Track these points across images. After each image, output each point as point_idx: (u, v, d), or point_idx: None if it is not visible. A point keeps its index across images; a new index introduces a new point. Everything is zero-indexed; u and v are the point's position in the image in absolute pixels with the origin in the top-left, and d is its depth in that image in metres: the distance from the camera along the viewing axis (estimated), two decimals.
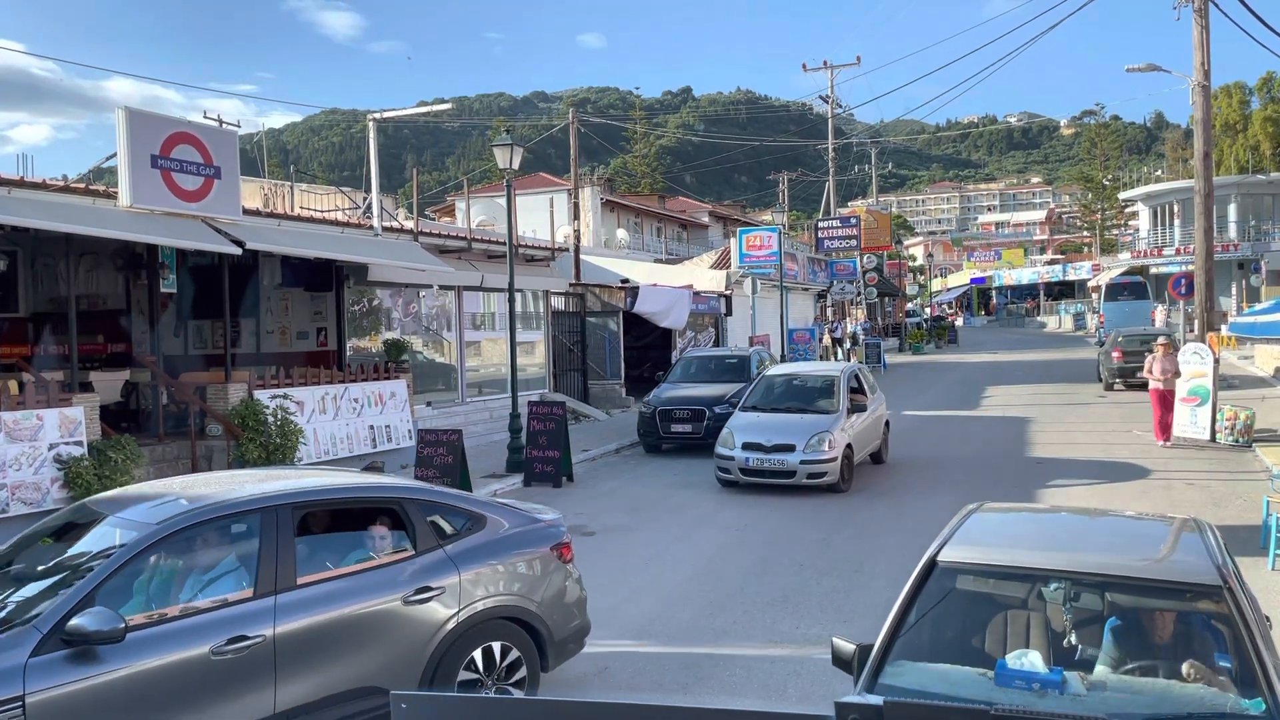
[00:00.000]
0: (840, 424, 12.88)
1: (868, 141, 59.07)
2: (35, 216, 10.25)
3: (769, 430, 12.87)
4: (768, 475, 12.55)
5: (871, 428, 14.16)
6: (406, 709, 1.85)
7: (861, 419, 13.69)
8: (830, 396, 13.61)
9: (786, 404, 13.78)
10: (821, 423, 12.85)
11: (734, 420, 13.60)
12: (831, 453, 12.43)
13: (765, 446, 12.62)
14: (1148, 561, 4.16)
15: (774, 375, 14.86)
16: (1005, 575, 4.16)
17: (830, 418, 12.99)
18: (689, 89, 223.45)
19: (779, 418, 13.26)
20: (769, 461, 12.52)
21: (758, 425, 13.09)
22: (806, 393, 14.03)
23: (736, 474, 12.76)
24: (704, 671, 6.72)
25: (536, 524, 6.12)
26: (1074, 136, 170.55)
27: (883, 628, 3.92)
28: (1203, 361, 16.30)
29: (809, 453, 12.43)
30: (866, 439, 13.88)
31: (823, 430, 12.62)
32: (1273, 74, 55.17)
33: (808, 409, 13.43)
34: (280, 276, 16.14)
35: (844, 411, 13.18)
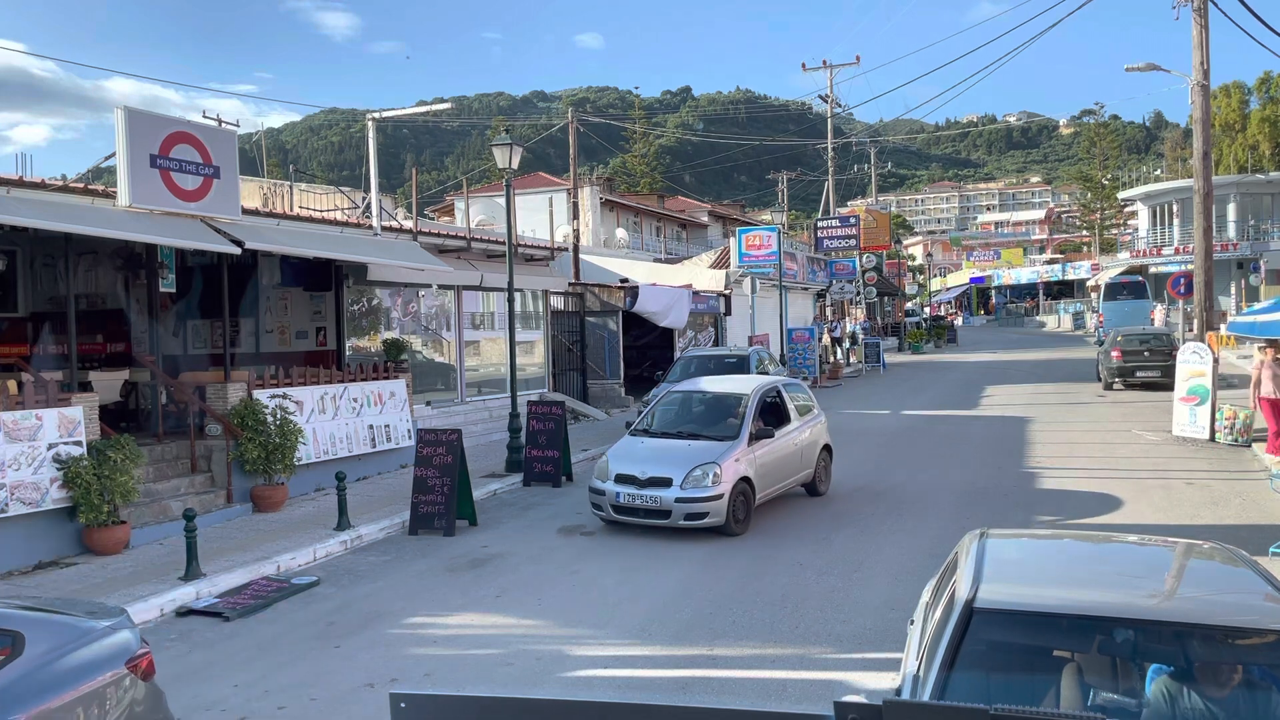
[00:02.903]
0: (735, 453, 10.72)
1: (867, 141, 59.08)
2: (34, 216, 10.24)
3: (649, 460, 10.82)
4: (641, 515, 10.47)
5: (792, 456, 11.89)
6: (405, 708, 1.84)
7: (773, 446, 11.44)
8: (732, 419, 11.45)
9: (680, 428, 11.67)
10: (710, 451, 10.71)
11: (617, 446, 11.62)
12: (716, 489, 10.27)
13: (639, 480, 10.53)
14: (1217, 604, 3.97)
15: (675, 392, 12.61)
16: (1056, 620, 3.82)
17: (723, 446, 10.82)
18: (688, 88, 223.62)
19: (666, 444, 11.20)
20: (641, 498, 10.43)
21: (640, 453, 11.07)
22: (705, 414, 11.92)
23: (609, 512, 10.70)
24: (704, 671, 6.73)
25: (94, 637, 4.33)
26: (1073, 136, 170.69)
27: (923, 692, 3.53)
28: (1202, 361, 16.31)
29: (688, 488, 10.30)
30: (784, 470, 11.71)
31: (708, 461, 10.48)
32: (1270, 74, 55.17)
33: (701, 434, 11.27)
34: (279, 276, 16.14)
35: (745, 438, 10.99)
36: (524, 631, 7.70)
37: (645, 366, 25.67)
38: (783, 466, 11.67)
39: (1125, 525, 10.34)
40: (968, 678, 3.58)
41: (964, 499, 12.25)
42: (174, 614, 8.41)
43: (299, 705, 6.35)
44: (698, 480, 10.36)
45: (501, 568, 9.62)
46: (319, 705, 6.36)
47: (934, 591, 4.77)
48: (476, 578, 9.32)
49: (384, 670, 6.91)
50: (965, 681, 3.55)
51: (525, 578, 9.22)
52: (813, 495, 12.57)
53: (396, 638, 7.65)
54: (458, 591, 8.90)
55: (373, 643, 7.52)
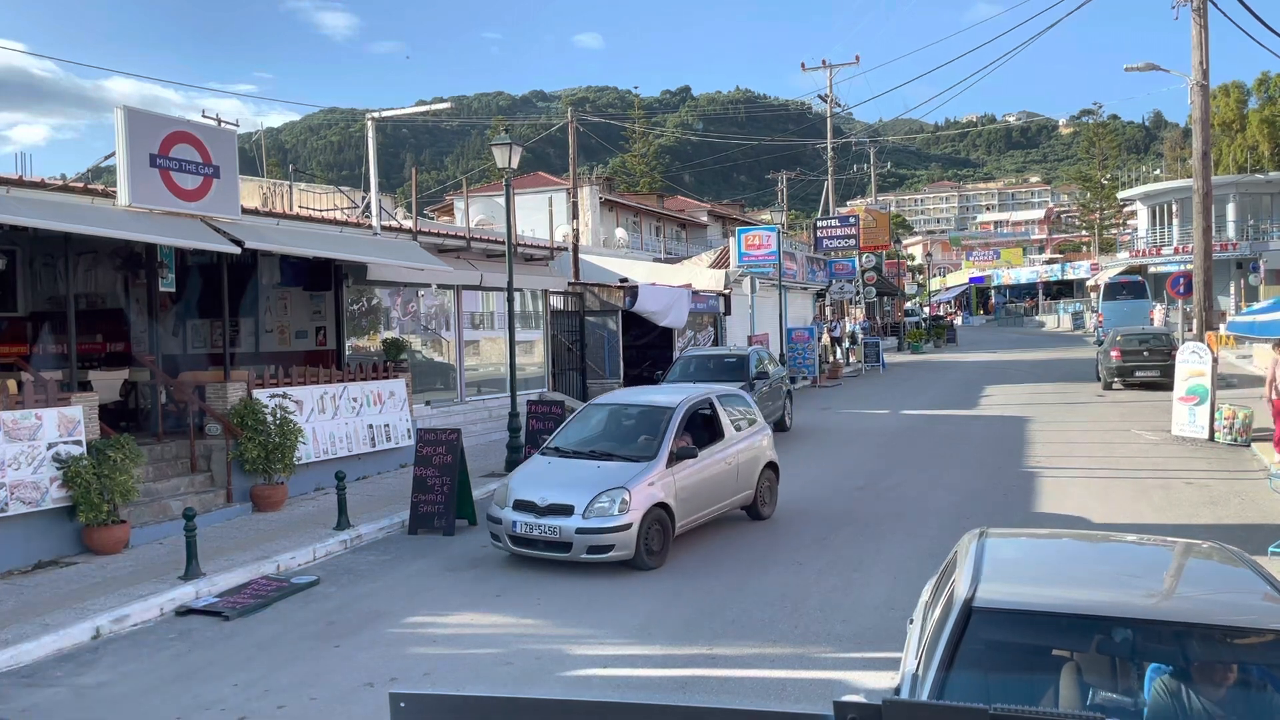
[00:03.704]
0: (650, 475, 9.45)
1: (866, 141, 59.11)
2: (34, 216, 10.24)
3: (553, 484, 9.59)
4: (540, 547, 9.27)
5: (724, 476, 10.58)
6: (405, 708, 1.84)
7: (700, 466, 10.16)
8: (651, 436, 10.14)
9: (594, 446, 10.40)
10: (621, 474, 9.44)
11: (522, 467, 10.55)
12: (623, 518, 9.03)
13: (538, 507, 9.32)
14: (1216, 604, 3.98)
15: (595, 405, 11.40)
16: (1056, 620, 3.83)
17: (637, 468, 9.55)
18: (688, 88, 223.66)
19: (575, 466, 9.93)
20: (540, 529, 9.22)
21: (545, 476, 9.85)
22: (624, 431, 10.67)
23: (507, 543, 9.50)
24: (703, 670, 6.73)
25: None
26: (1073, 136, 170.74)
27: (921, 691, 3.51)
28: (1201, 361, 16.32)
29: (591, 517, 9.08)
30: (715, 492, 10.44)
31: (616, 486, 9.23)
32: (1268, 74, 55.19)
33: (616, 454, 10.01)
34: (279, 276, 16.14)
35: (663, 458, 9.69)
36: (524, 631, 7.70)
37: (645, 366, 25.66)
38: (713, 488, 10.39)
39: (1124, 525, 10.34)
40: (967, 677, 3.59)
41: (963, 498, 12.26)
42: (174, 613, 8.42)
43: (299, 705, 6.36)
44: (603, 508, 9.10)
45: (501, 567, 9.63)
46: (319, 705, 6.36)
47: (933, 591, 4.77)
48: (476, 577, 9.32)
49: (384, 670, 6.92)
50: (964, 681, 3.56)
51: (525, 577, 9.22)
52: (754, 519, 11.27)
53: (396, 637, 7.65)
54: (458, 591, 8.90)
55: (372, 642, 7.53)
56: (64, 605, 8.32)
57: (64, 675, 7.09)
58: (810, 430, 19.34)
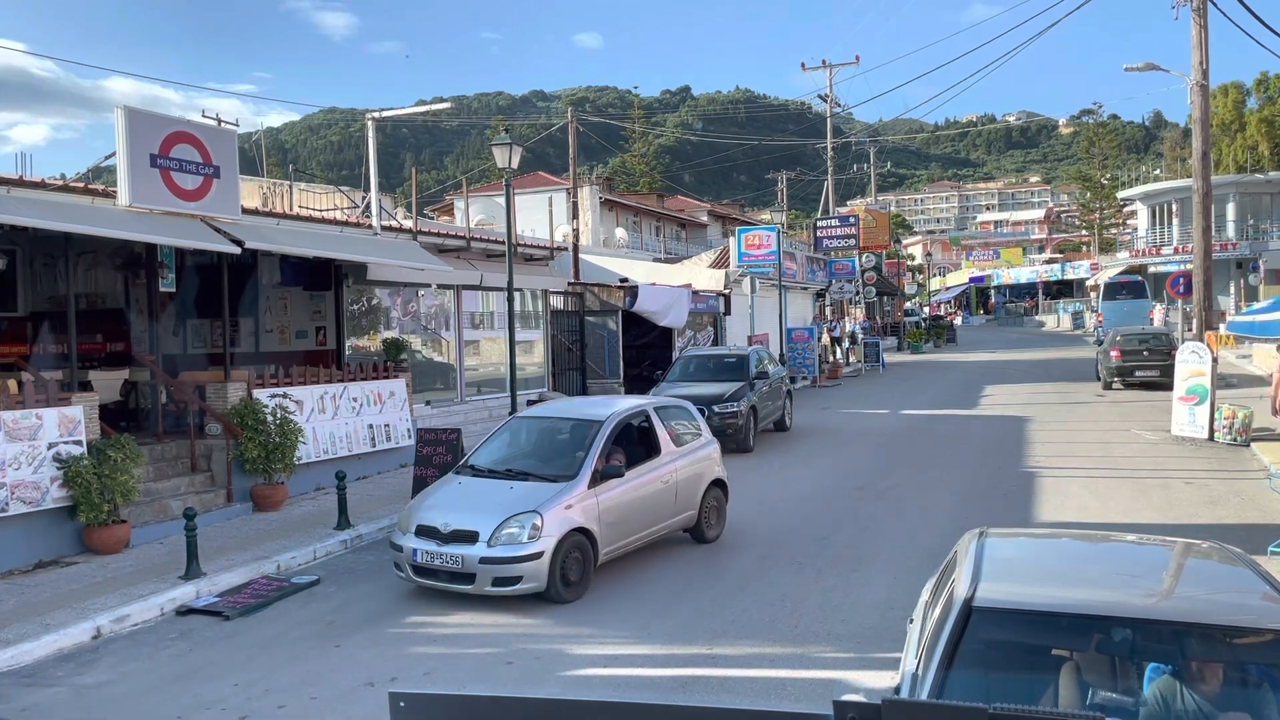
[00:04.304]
0: (568, 497, 8.54)
1: (866, 140, 59.11)
2: (34, 216, 10.24)
3: (460, 507, 8.69)
4: (443, 578, 8.34)
5: (660, 496, 9.64)
6: (405, 707, 1.85)
7: (630, 486, 9.22)
8: (575, 454, 9.20)
9: (511, 464, 9.44)
10: (535, 496, 8.53)
11: (430, 489, 9.46)
12: (534, 545, 8.12)
13: (441, 534, 8.40)
14: (1216, 604, 3.98)
15: (522, 417, 10.49)
16: (1055, 619, 3.83)
17: (554, 489, 8.62)
18: (687, 88, 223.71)
19: (487, 487, 8.99)
20: (442, 558, 8.27)
21: (453, 498, 8.93)
22: (546, 447, 9.76)
23: (409, 574, 8.58)
24: (703, 670, 6.74)
25: None
26: (1072, 136, 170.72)
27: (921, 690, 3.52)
28: (1201, 360, 16.32)
29: (498, 545, 8.15)
30: (649, 514, 9.49)
31: (527, 510, 8.30)
32: (1266, 74, 55.19)
33: (533, 473, 9.08)
34: (279, 275, 16.14)
35: (586, 478, 8.78)
36: (524, 630, 7.71)
37: (645, 366, 25.66)
38: (647, 510, 9.45)
39: (1124, 525, 10.35)
40: (966, 676, 3.59)
41: (963, 498, 12.27)
42: (174, 613, 8.42)
43: (299, 704, 6.36)
44: (511, 535, 8.18)
45: None
46: (319, 704, 6.37)
47: (933, 590, 4.78)
48: None
49: (384, 669, 6.92)
50: (964, 680, 3.56)
51: None
52: (699, 542, 10.32)
53: (396, 637, 7.66)
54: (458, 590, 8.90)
55: (373, 642, 7.54)
56: (64, 605, 8.33)
57: (64, 675, 7.10)
58: (810, 430, 19.34)
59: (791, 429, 19.34)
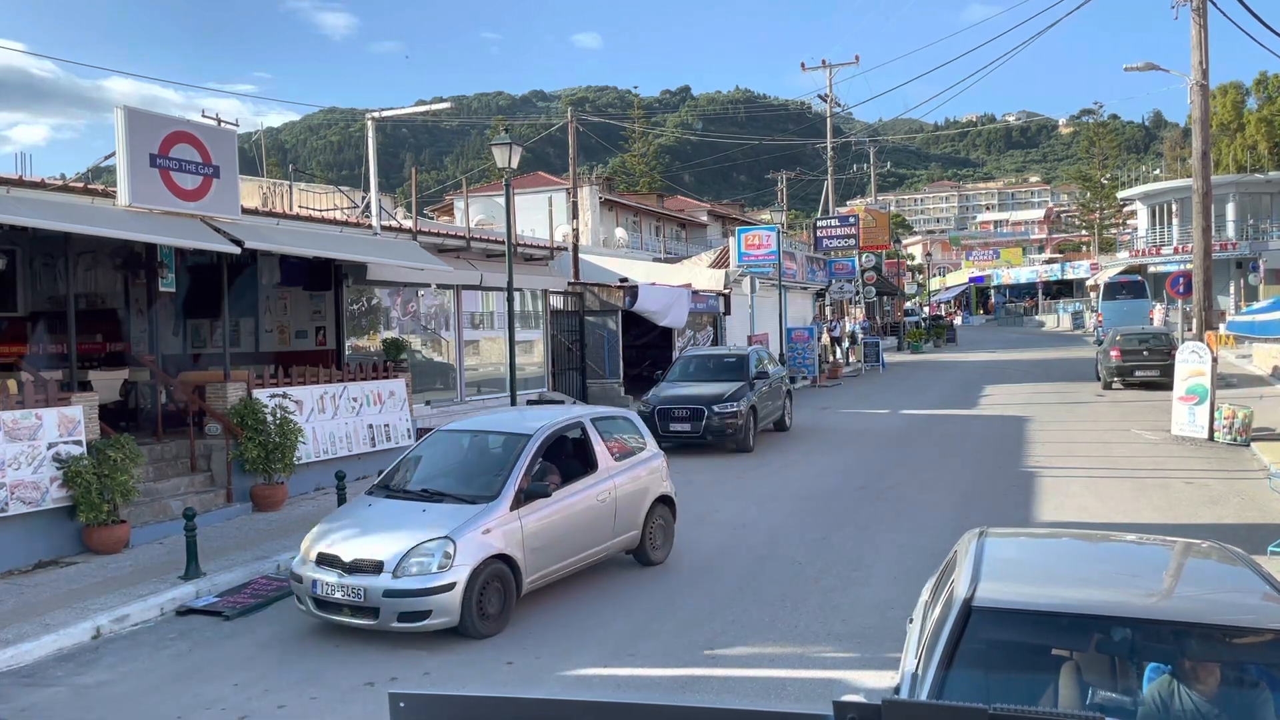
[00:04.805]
0: (487, 521, 7.69)
1: (866, 140, 59.09)
2: (34, 216, 10.24)
3: (367, 532, 7.85)
4: (346, 612, 7.49)
5: (597, 515, 8.78)
6: (405, 708, 1.85)
7: (560, 506, 8.36)
8: (499, 471, 8.32)
9: (429, 483, 8.58)
10: (449, 520, 7.67)
11: (335, 513, 8.72)
12: (445, 575, 7.29)
13: (343, 562, 7.54)
14: (1215, 604, 3.98)
15: (446, 430, 9.47)
16: (1055, 619, 3.83)
17: (471, 511, 7.78)
18: (687, 88, 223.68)
19: (399, 509, 8.16)
20: (343, 589, 7.42)
21: (361, 521, 8.09)
22: (469, 464, 8.99)
23: (310, 607, 7.70)
24: (703, 670, 6.74)
25: None
26: (1072, 135, 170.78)
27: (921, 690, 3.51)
28: (1200, 360, 16.32)
29: (404, 576, 7.31)
30: (582, 536, 8.62)
31: (438, 536, 7.46)
32: (1265, 74, 55.19)
33: (451, 493, 8.27)
34: (279, 275, 16.13)
35: (508, 499, 7.93)
36: (520, 628, 7.70)
37: (645, 366, 25.67)
38: (580, 531, 8.60)
39: (1124, 525, 10.35)
40: (966, 676, 3.59)
41: (963, 498, 12.27)
42: (174, 613, 8.43)
43: (299, 704, 6.36)
44: (420, 564, 7.35)
45: None
46: (319, 704, 6.37)
47: (933, 590, 4.78)
48: None
49: (384, 669, 6.92)
50: (964, 680, 3.56)
51: None
52: (643, 565, 9.49)
53: (396, 636, 7.65)
54: None
55: (373, 641, 7.53)
56: (64, 605, 8.33)
57: (64, 675, 7.10)
58: (810, 430, 19.35)
59: (791, 429, 19.35)
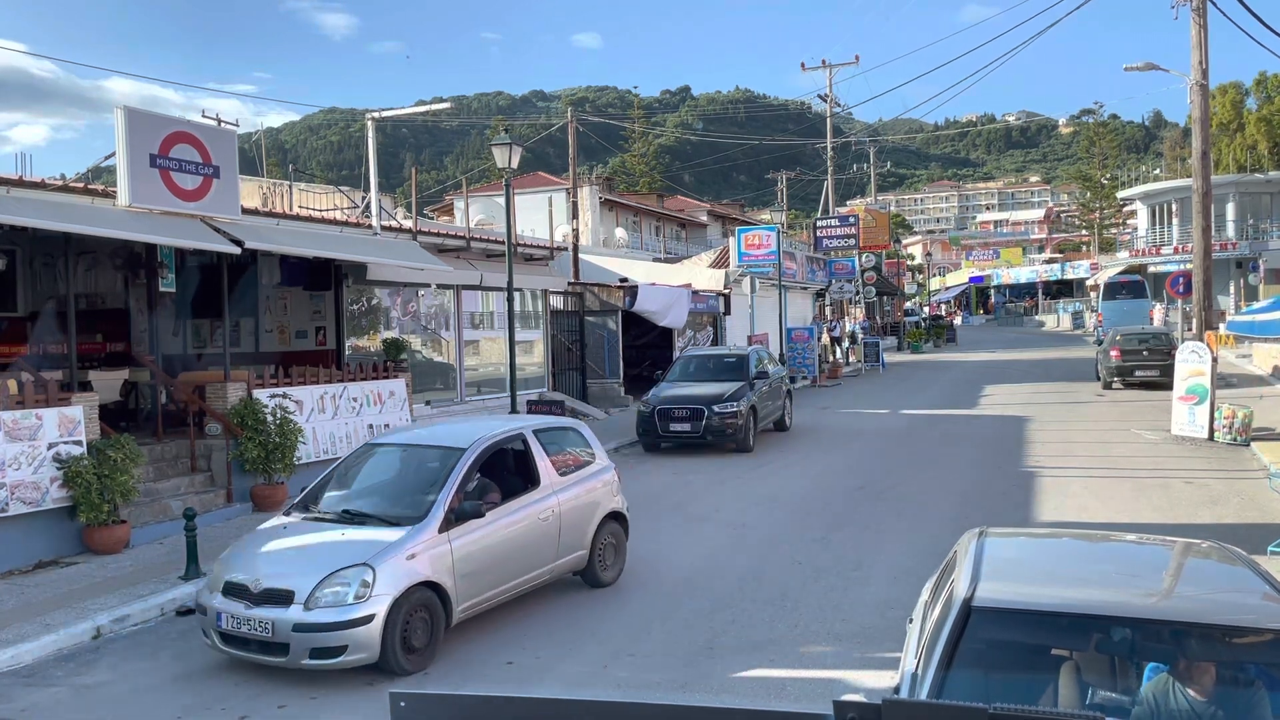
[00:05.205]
0: (412, 545, 6.97)
1: (866, 140, 59.09)
2: (34, 216, 10.25)
3: (280, 558, 7.18)
4: (254, 648, 6.75)
5: (539, 535, 8.07)
6: (405, 707, 1.85)
7: (496, 527, 7.64)
8: (428, 489, 7.59)
9: (351, 504, 7.84)
10: (369, 545, 6.95)
11: (247, 537, 7.83)
12: (363, 607, 6.58)
13: (252, 593, 6.82)
14: (1215, 603, 3.99)
15: (374, 444, 8.72)
16: (1055, 619, 3.83)
17: (395, 535, 7.04)
18: (687, 88, 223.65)
19: (316, 532, 7.40)
20: (250, 623, 6.69)
21: (274, 546, 7.36)
22: (396, 482, 8.22)
23: (216, 641, 6.94)
24: (703, 669, 6.74)
25: None
26: (1072, 135, 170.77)
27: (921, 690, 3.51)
28: (1200, 360, 16.32)
29: (317, 608, 6.59)
30: (521, 559, 7.92)
31: (356, 563, 6.74)
32: (1265, 74, 55.18)
33: (374, 514, 7.54)
34: (279, 276, 16.14)
35: (436, 519, 7.20)
36: (520, 628, 7.70)
37: (645, 366, 25.69)
38: (520, 553, 7.90)
39: (1124, 524, 10.35)
40: (966, 676, 3.60)
41: (963, 498, 12.27)
42: (174, 613, 8.42)
43: (299, 703, 6.36)
44: (335, 595, 6.62)
45: None
46: (319, 703, 6.37)
47: (933, 590, 4.78)
48: None
49: (383, 669, 6.92)
50: (964, 680, 3.57)
51: None
52: (592, 586, 8.79)
53: None
54: None
55: None
56: (64, 605, 8.33)
57: (64, 675, 7.10)
58: (810, 430, 19.35)
59: (791, 429, 19.35)
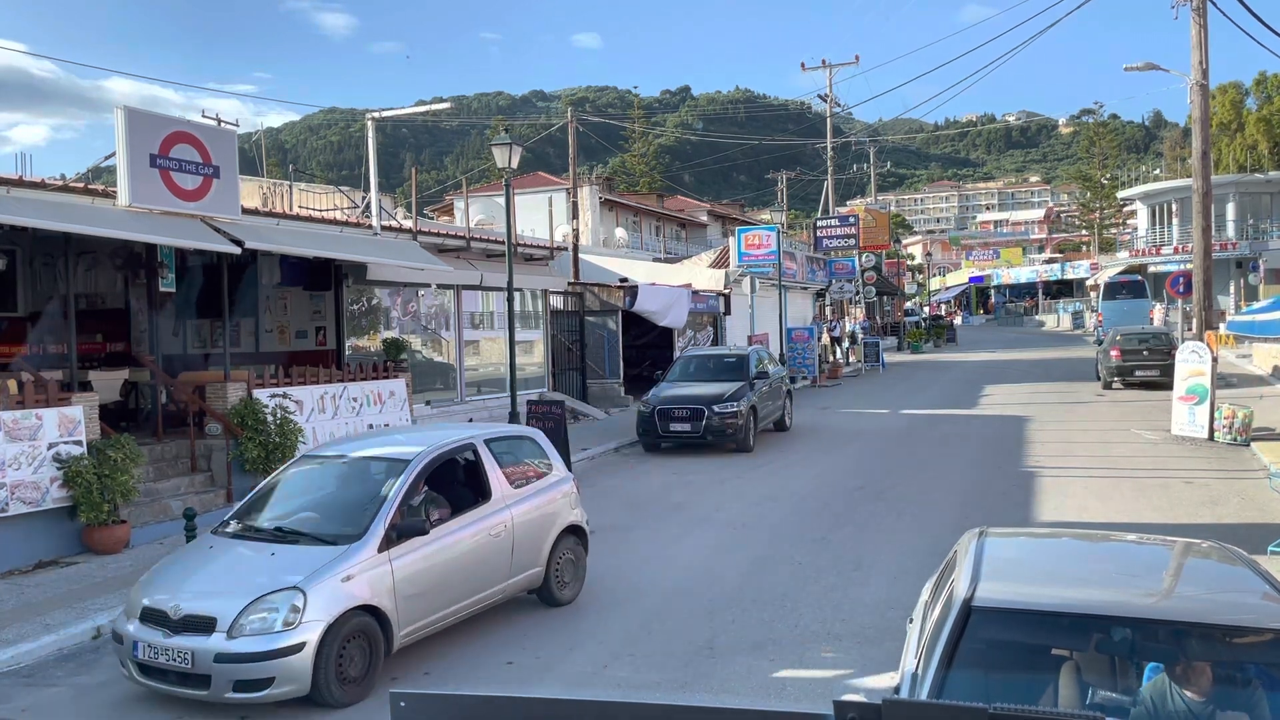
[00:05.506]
0: (348, 566, 6.44)
1: (866, 140, 59.10)
2: (34, 216, 10.25)
3: (203, 580, 6.62)
4: (172, 679, 6.20)
5: (490, 553, 7.53)
6: (405, 707, 1.85)
7: (442, 545, 7.08)
8: (365, 506, 7.01)
9: (285, 520, 7.22)
10: (300, 565, 6.43)
11: (171, 556, 7.38)
12: (292, 635, 6.06)
13: (171, 619, 6.25)
14: (1215, 603, 3.99)
15: (313, 455, 8.19)
16: (1055, 619, 3.83)
17: (327, 555, 6.51)
18: (687, 88, 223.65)
19: (246, 551, 6.90)
20: (169, 653, 6.14)
21: (198, 567, 6.83)
22: (335, 497, 7.59)
23: (133, 673, 6.37)
24: (703, 669, 6.74)
25: None
26: (1072, 135, 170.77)
27: (921, 690, 3.51)
28: (1201, 360, 16.32)
29: (241, 636, 6.07)
30: (472, 578, 7.37)
31: (285, 587, 6.22)
32: (1265, 74, 55.18)
33: (308, 532, 6.95)
34: (279, 276, 16.13)
35: (375, 538, 6.64)
36: (523, 630, 7.70)
37: (645, 366, 25.68)
38: (469, 572, 7.35)
39: (1124, 524, 10.35)
40: (966, 676, 3.60)
41: (963, 498, 12.27)
42: None
43: (299, 703, 6.36)
44: (261, 622, 6.10)
45: None
46: (318, 704, 6.36)
47: (933, 590, 4.78)
48: None
49: (384, 669, 6.92)
50: (964, 680, 3.57)
51: None
52: (548, 605, 8.22)
53: None
54: None
55: None
56: (64, 605, 8.33)
57: (64, 675, 7.10)
58: (810, 430, 19.35)
59: (791, 429, 19.35)
